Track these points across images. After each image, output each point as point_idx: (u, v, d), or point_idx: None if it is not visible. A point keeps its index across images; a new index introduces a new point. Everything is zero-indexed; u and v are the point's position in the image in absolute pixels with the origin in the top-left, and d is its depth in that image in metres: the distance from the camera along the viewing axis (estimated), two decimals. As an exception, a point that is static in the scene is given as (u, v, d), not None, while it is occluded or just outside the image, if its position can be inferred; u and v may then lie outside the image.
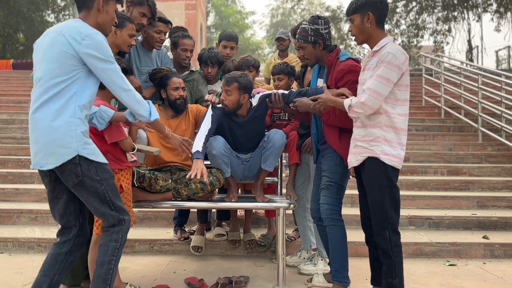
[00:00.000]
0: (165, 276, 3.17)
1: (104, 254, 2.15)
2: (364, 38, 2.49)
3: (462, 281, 3.15)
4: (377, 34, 2.44)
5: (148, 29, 3.21)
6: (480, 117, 7.13)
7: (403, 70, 2.32)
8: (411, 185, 5.31)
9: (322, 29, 2.69)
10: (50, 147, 2.02)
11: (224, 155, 2.96)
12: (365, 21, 2.42)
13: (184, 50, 3.47)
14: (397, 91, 2.35)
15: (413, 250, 3.77)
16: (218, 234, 3.64)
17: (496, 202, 4.84)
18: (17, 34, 23.63)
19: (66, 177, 2.08)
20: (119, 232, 2.17)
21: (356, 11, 2.45)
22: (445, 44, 19.76)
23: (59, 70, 2.04)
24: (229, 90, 2.93)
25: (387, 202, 2.39)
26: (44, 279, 2.13)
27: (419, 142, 6.99)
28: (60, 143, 2.02)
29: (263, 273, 3.24)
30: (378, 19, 2.43)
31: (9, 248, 3.79)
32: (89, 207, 2.17)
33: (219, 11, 35.62)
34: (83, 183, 2.07)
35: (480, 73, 7.40)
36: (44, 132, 2.02)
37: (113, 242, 2.16)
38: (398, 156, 2.38)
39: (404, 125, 2.39)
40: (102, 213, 2.15)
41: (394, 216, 2.41)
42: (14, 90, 10.58)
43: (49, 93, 2.04)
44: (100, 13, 2.18)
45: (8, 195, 4.80)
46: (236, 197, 3.06)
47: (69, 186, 2.11)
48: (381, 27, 2.45)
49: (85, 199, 2.13)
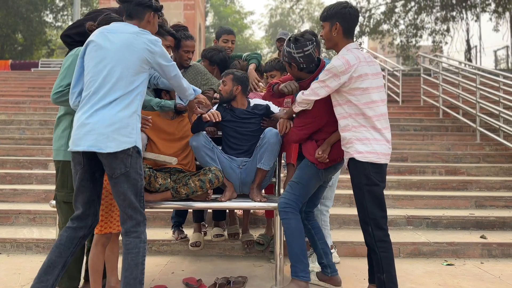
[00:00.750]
0: (163, 276, 3.17)
1: (136, 256, 2.24)
2: (331, 45, 2.63)
3: (460, 280, 3.16)
4: (342, 44, 2.56)
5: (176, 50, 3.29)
6: (478, 117, 7.15)
7: (343, 79, 2.43)
8: (409, 185, 5.32)
9: (294, 53, 2.69)
10: (114, 133, 2.17)
11: (205, 146, 3.01)
12: (333, 30, 2.55)
13: (186, 52, 3.51)
14: (351, 97, 2.46)
15: (411, 250, 3.78)
16: (216, 234, 3.65)
17: (494, 202, 4.85)
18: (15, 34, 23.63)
19: (115, 165, 2.19)
20: (145, 233, 2.29)
21: (326, 19, 2.59)
22: (443, 44, 19.80)
23: (134, 71, 2.27)
24: (225, 81, 3.19)
25: (366, 199, 2.46)
26: (59, 260, 2.23)
27: (417, 142, 7.00)
28: (124, 132, 2.20)
29: (261, 273, 3.24)
30: (346, 30, 2.54)
31: (7, 249, 3.79)
32: (121, 201, 2.24)
33: (218, 11, 35.62)
34: (129, 174, 2.21)
35: (478, 73, 7.41)
36: (110, 119, 2.18)
37: (143, 243, 2.27)
38: (374, 152, 2.44)
39: (380, 124, 2.47)
40: (134, 207, 2.25)
41: (377, 212, 2.46)
42: (12, 91, 10.58)
43: (122, 90, 2.23)
44: (149, 24, 2.45)
45: (6, 196, 4.80)
46: (229, 197, 3.07)
47: (113, 175, 2.21)
48: (348, 37, 2.56)
49: (124, 191, 2.22)
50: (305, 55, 2.67)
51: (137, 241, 2.25)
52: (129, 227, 2.25)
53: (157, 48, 2.34)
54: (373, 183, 2.45)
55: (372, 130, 2.46)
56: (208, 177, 2.92)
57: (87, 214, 2.31)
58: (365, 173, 2.45)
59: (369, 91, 2.47)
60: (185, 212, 3.93)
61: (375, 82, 2.51)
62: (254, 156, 3.09)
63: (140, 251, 2.25)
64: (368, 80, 2.47)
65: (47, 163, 5.79)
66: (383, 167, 2.48)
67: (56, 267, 2.22)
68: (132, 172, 2.22)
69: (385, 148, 2.47)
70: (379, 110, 2.48)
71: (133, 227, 2.25)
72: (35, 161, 5.84)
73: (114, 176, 2.21)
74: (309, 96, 2.56)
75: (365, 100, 2.46)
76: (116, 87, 2.22)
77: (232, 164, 3.12)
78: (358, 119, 2.47)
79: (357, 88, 2.45)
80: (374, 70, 2.53)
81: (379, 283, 2.46)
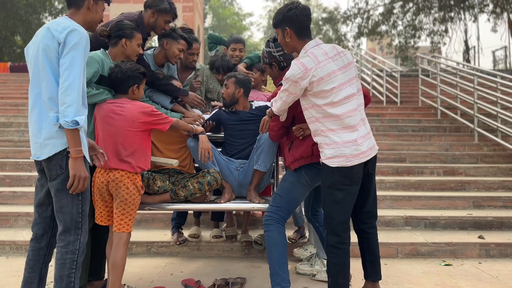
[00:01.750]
0: (162, 278, 3.19)
1: (61, 267, 2.13)
2: (290, 50, 2.60)
3: (458, 281, 3.18)
4: (299, 46, 2.50)
5: (172, 44, 3.18)
6: (476, 117, 7.17)
7: (303, 85, 2.37)
8: (407, 185, 5.33)
9: (274, 52, 2.75)
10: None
11: None
12: (286, 36, 2.50)
13: (191, 54, 3.57)
14: (317, 100, 2.40)
15: (409, 250, 3.79)
16: (215, 235, 3.67)
17: (491, 202, 4.87)
18: (14, 37, 23.61)
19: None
20: (75, 242, 2.17)
21: (276, 26, 2.55)
22: (442, 45, 19.81)
23: None
24: (227, 84, 3.22)
25: (327, 202, 2.44)
26: (32, 275, 2.21)
27: (415, 142, 7.02)
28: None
29: (260, 275, 3.26)
30: (298, 31, 2.48)
31: (7, 251, 3.80)
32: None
33: (217, 13, 35.63)
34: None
35: (476, 74, 7.44)
36: None
37: (70, 254, 2.14)
38: (343, 155, 2.36)
39: (353, 120, 2.40)
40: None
41: (335, 217, 2.42)
42: (11, 93, 10.57)
43: None
44: (90, 12, 2.31)
45: (6, 198, 4.81)
46: (227, 198, 3.08)
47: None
48: (303, 38, 2.50)
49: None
50: (285, 53, 2.73)
51: (63, 251, 2.13)
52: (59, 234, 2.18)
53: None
54: (336, 187, 2.39)
55: (342, 132, 2.38)
56: (207, 179, 2.93)
57: (43, 218, 2.26)
58: (330, 176, 2.41)
59: (335, 90, 2.38)
60: (185, 213, 3.94)
61: (345, 75, 2.42)
62: (251, 158, 3.11)
63: (66, 262, 2.12)
64: (336, 77, 2.39)
65: (46, 166, 5.79)
66: (354, 169, 2.39)
67: (33, 283, 2.20)
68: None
69: (355, 149, 2.37)
70: (351, 105, 2.40)
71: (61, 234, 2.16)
72: (34, 163, 5.83)
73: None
74: (281, 106, 2.56)
75: (331, 100, 2.38)
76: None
77: (230, 165, 3.14)
78: (325, 123, 2.40)
79: (321, 91, 2.38)
80: (342, 63, 2.43)
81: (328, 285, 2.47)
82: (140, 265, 3.48)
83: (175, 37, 3.16)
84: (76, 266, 2.12)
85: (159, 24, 3.09)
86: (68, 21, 2.20)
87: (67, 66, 2.08)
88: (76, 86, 2.07)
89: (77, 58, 2.10)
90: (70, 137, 2.08)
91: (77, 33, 2.13)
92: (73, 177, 2.11)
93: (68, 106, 2.04)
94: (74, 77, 2.07)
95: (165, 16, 3.09)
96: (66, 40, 2.10)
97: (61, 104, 2.05)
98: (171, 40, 3.16)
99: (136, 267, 3.43)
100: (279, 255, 2.65)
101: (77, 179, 2.11)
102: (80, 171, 2.11)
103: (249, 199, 3.09)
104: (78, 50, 2.11)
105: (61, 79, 2.07)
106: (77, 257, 2.14)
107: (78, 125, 2.06)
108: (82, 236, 2.17)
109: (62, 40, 2.10)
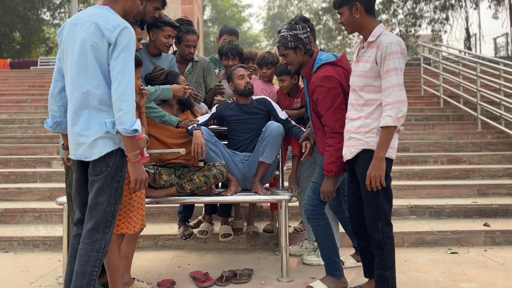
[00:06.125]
0: (170, 270, 3.21)
1: (85, 264, 2.08)
2: (355, 29, 2.43)
3: (464, 268, 3.19)
4: (368, 23, 2.36)
5: (158, 34, 3.17)
6: (479, 105, 7.14)
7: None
8: (411, 174, 5.33)
9: (300, 34, 2.67)
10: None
11: (208, 141, 3.00)
12: (354, 13, 2.36)
13: (187, 46, 3.49)
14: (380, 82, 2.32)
15: (415, 239, 3.81)
16: (224, 234, 3.61)
17: (496, 190, 4.87)
18: (13, 33, 23.56)
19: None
20: (101, 241, 2.14)
21: (343, 4, 2.39)
22: (443, 33, 19.71)
23: None
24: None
25: (380, 194, 2.34)
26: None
27: (418, 132, 7.01)
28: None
29: (267, 266, 3.27)
30: (367, 7, 2.35)
31: (15, 247, 3.82)
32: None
33: (216, 4, 35.44)
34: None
35: (478, 61, 7.39)
36: None
37: (95, 252, 2.10)
38: (393, 147, 2.35)
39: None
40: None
41: (387, 207, 2.38)
42: (12, 90, 10.58)
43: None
44: (128, 0, 2.21)
45: (11, 195, 4.83)
46: (234, 191, 3.08)
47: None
48: (371, 15, 2.37)
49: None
50: (308, 35, 2.71)
51: (88, 248, 2.09)
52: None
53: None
54: (388, 176, 2.35)
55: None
56: (212, 173, 2.94)
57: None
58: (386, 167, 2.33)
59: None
60: (192, 206, 3.94)
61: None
62: (256, 150, 3.11)
63: (90, 260, 2.07)
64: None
65: (51, 161, 5.82)
66: (392, 162, 2.39)
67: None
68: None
69: (397, 143, 2.38)
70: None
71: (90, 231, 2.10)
72: (38, 159, 5.86)
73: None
74: (400, 91, 2.25)
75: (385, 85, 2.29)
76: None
77: (235, 158, 3.14)
78: (380, 109, 2.31)
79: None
80: None
81: (381, 280, 2.36)
82: (147, 258, 3.50)
83: (159, 25, 3.14)
84: (98, 264, 2.10)
85: (149, 11, 3.05)
86: (116, 17, 2.10)
87: (120, 69, 2.00)
88: (130, 91, 2.00)
89: (128, 60, 2.02)
90: (128, 142, 2.03)
91: (127, 32, 2.04)
92: (134, 181, 2.11)
93: (125, 112, 1.98)
94: (127, 81, 2.00)
95: (153, 3, 3.05)
96: (118, 40, 2.02)
97: (117, 110, 1.99)
98: (156, 29, 3.16)
99: (144, 260, 3.45)
100: (333, 243, 2.69)
101: (138, 182, 2.12)
102: (141, 174, 2.12)
103: (255, 191, 3.10)
104: (129, 51, 2.03)
105: (114, 84, 2.00)
106: (101, 256, 2.11)
107: (137, 133, 2.02)
108: (108, 235, 2.13)
109: (113, 41, 2.02)
